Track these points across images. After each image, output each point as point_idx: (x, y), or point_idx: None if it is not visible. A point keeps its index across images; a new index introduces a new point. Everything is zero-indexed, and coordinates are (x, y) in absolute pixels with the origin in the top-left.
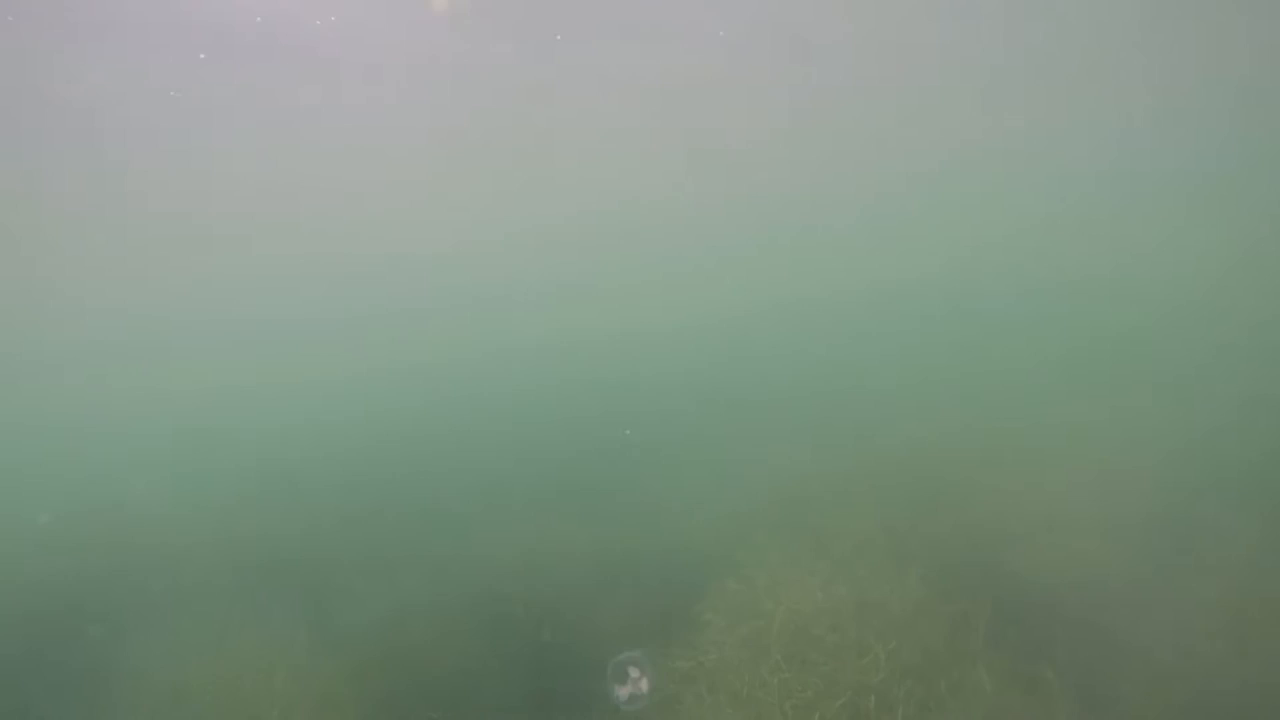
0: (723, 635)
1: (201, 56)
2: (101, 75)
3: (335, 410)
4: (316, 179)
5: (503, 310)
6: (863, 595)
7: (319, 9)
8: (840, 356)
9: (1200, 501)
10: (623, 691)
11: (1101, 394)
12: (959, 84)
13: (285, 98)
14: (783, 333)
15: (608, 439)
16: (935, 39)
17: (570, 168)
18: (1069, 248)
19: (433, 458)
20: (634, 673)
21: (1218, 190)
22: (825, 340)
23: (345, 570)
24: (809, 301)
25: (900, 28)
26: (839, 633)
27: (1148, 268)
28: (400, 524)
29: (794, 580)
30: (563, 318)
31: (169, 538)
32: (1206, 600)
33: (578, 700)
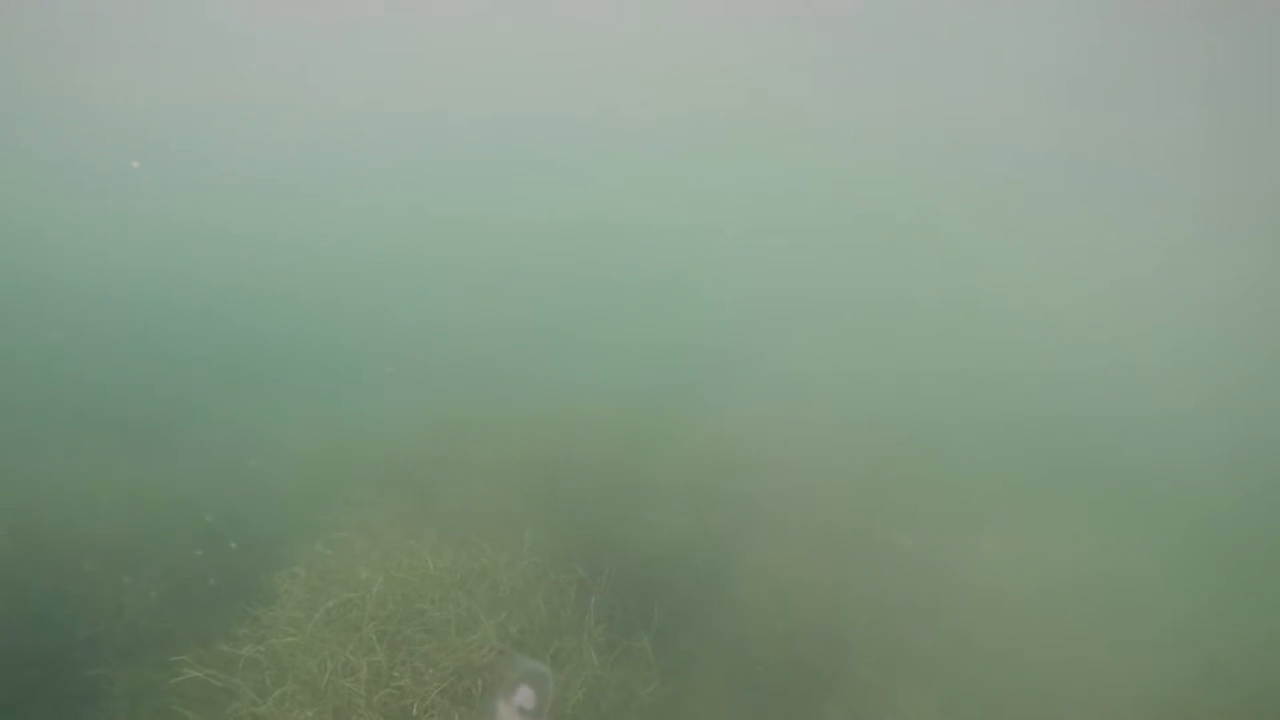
0: (303, 611)
1: None
2: None
3: None
4: None
5: None
6: (474, 563)
7: None
8: (475, 297)
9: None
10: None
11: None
12: None
13: None
14: (410, 263)
15: (173, 358)
16: None
17: None
18: None
19: None
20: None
21: None
22: (460, 279)
23: None
24: (436, 236)
25: None
26: (445, 606)
27: None
28: None
29: (398, 545)
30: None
31: None
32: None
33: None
